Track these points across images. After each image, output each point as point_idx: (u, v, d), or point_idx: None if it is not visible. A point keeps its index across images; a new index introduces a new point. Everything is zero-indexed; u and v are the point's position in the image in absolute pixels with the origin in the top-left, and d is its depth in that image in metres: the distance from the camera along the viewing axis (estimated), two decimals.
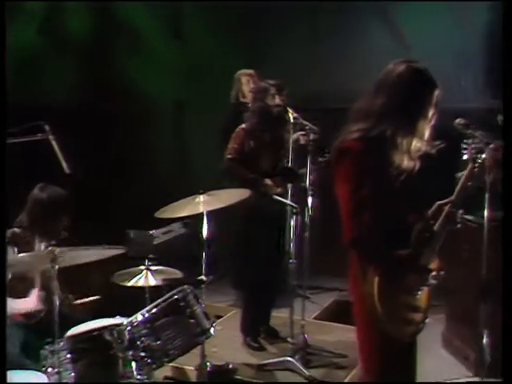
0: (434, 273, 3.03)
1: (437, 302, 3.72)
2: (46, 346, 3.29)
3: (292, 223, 4.66)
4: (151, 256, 5.91)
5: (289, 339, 4.80)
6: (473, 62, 7.23)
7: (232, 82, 6.52)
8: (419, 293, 3.04)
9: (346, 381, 4.53)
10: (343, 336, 5.30)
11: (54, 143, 3.76)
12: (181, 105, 9.14)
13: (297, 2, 8.11)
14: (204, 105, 8.56)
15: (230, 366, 4.49)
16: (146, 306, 4.16)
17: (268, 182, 4.90)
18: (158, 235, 6.28)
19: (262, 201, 4.83)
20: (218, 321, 5.60)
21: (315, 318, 5.71)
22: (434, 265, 3.07)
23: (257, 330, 5.15)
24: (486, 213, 3.79)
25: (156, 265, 4.35)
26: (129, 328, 3.43)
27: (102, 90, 8.90)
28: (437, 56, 7.47)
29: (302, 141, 5.08)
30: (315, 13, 8.36)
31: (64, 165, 3.77)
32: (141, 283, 4.20)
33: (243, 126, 5.06)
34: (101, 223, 7.56)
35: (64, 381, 3.17)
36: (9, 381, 3.33)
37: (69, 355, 3.21)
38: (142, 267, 4.26)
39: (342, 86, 7.88)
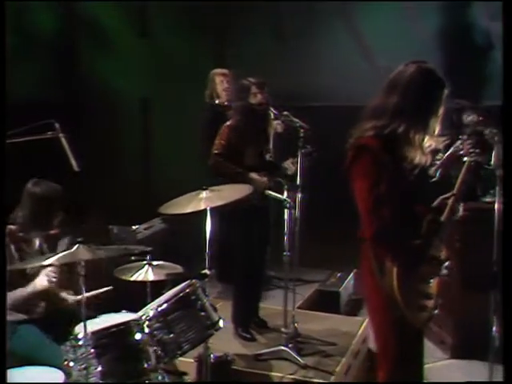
0: (446, 263, 3.15)
1: None
2: (67, 342, 3.27)
3: (285, 217, 4.69)
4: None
5: (282, 329, 4.84)
6: (431, 61, 7.44)
7: (199, 81, 6.52)
8: (431, 281, 3.16)
9: (337, 369, 4.60)
10: (328, 324, 5.40)
11: (64, 141, 3.71)
12: (147, 102, 9.10)
13: (261, 2, 8.18)
14: (170, 103, 8.58)
15: (229, 357, 4.51)
16: (146, 301, 4.19)
17: (255, 176, 4.92)
18: (141, 230, 6.28)
19: (253, 195, 4.86)
20: None
21: (298, 308, 5.77)
22: (443, 254, 3.19)
23: (248, 320, 5.19)
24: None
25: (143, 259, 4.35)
26: (147, 323, 3.42)
27: (69, 88, 8.82)
28: (395, 55, 7.70)
29: (280, 129, 5.16)
30: (279, 14, 8.46)
31: (73, 163, 3.73)
32: (142, 278, 4.18)
33: (228, 123, 5.06)
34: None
35: (90, 375, 3.16)
36: (22, 376, 3.33)
37: (93, 350, 3.19)
38: (144, 262, 4.25)
39: (306, 85, 8.10)
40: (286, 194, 4.77)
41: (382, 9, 7.83)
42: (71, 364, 3.23)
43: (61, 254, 3.19)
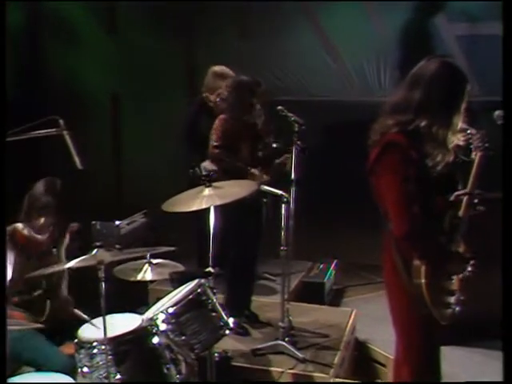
0: (472, 261, 2.98)
1: None
2: (82, 350, 2.99)
3: (282, 212, 4.46)
4: (117, 246, 5.71)
5: (280, 323, 4.62)
6: (390, 59, 7.38)
7: (166, 77, 6.20)
8: (453, 277, 2.99)
9: (335, 361, 4.42)
10: (316, 316, 5.23)
11: (67, 138, 3.40)
12: (117, 98, 8.79)
13: (227, 2, 7.98)
14: (139, 99, 8.31)
15: (228, 354, 4.28)
16: (147, 300, 3.93)
17: (255, 171, 4.69)
18: (124, 226, 5.97)
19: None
20: None
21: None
22: (463, 250, 3.02)
23: (240, 315, 4.94)
24: None
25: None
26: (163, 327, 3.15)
27: (37, 85, 8.48)
28: (356, 54, 7.64)
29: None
30: (244, 13, 8.27)
31: (77, 160, 3.42)
32: (143, 278, 3.90)
33: (222, 116, 4.81)
34: None
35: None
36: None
37: (111, 357, 2.91)
38: (144, 261, 3.97)
39: (270, 83, 7.96)
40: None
41: (345, 8, 7.72)
42: (86, 370, 2.93)
43: (82, 257, 2.90)
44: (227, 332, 3.47)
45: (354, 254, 6.63)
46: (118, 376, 2.90)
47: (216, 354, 3.86)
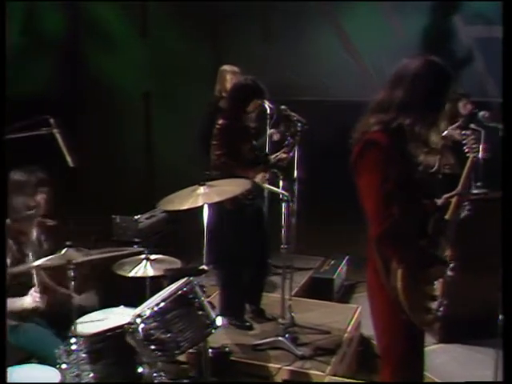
0: (451, 264, 2.68)
1: None
2: (61, 346, 2.78)
3: (283, 210, 4.19)
4: (136, 240, 5.54)
5: (280, 320, 4.36)
6: None
7: (194, 76, 6.04)
8: (436, 282, 2.69)
9: (333, 359, 4.14)
10: (322, 312, 4.93)
11: (58, 137, 3.20)
12: (148, 97, 8.67)
13: (251, 2, 7.76)
14: (170, 97, 8.18)
15: (227, 349, 4.05)
16: (146, 295, 3.71)
17: (261, 174, 4.41)
18: (142, 220, 5.79)
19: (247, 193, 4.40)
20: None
21: (293, 295, 5.29)
22: (448, 255, 2.72)
23: (239, 309, 4.67)
24: None
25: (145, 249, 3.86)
26: (142, 326, 2.92)
27: (76, 84, 8.43)
28: (376, 54, 7.35)
29: (276, 138, 4.71)
30: (268, 15, 8.04)
31: (69, 158, 3.22)
32: (141, 273, 3.71)
33: (222, 121, 4.50)
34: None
35: (84, 381, 2.67)
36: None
37: (85, 355, 2.70)
38: (142, 256, 3.76)
39: (291, 83, 7.72)
40: (281, 185, 4.29)
41: (364, 9, 7.53)
42: (64, 367, 2.73)
43: (50, 257, 2.69)
44: (213, 331, 3.22)
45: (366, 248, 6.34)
46: (92, 375, 2.68)
47: (210, 350, 3.63)
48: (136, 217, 5.74)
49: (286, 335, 4.26)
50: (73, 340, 2.74)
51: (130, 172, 8.42)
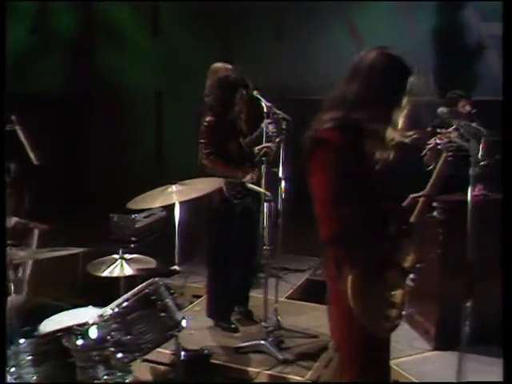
0: (412, 275, 2.50)
1: None
2: (11, 347, 2.70)
3: (265, 210, 4.06)
4: (133, 239, 5.48)
5: (263, 323, 4.23)
6: (423, 59, 6.99)
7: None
8: (395, 289, 2.51)
9: (316, 364, 3.99)
10: (313, 315, 4.78)
11: (20, 134, 3.13)
12: (160, 96, 8.61)
13: (265, 2, 7.62)
14: (180, 95, 8.10)
15: (206, 352, 3.93)
16: (120, 295, 3.62)
17: (248, 172, 4.29)
18: (140, 219, 5.74)
19: (236, 188, 4.29)
20: (197, 301, 5.06)
21: (288, 298, 5.15)
22: (410, 261, 2.54)
23: (225, 311, 4.55)
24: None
25: (136, 248, 3.78)
26: (97, 326, 2.82)
27: (88, 84, 8.43)
28: None
29: (271, 130, 4.56)
30: (280, 15, 7.93)
31: (31, 156, 3.15)
32: (115, 273, 3.58)
33: (208, 118, 4.40)
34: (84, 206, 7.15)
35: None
36: None
37: (30, 357, 2.61)
38: (117, 256, 3.66)
39: (303, 82, 7.58)
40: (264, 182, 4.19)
41: (377, 8, 7.35)
42: (12, 370, 2.64)
43: None
44: (176, 333, 3.11)
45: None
46: (34, 378, 2.58)
47: (183, 353, 3.51)
48: (133, 215, 5.67)
49: (269, 339, 4.13)
50: (21, 341, 2.65)
51: (141, 171, 8.37)
